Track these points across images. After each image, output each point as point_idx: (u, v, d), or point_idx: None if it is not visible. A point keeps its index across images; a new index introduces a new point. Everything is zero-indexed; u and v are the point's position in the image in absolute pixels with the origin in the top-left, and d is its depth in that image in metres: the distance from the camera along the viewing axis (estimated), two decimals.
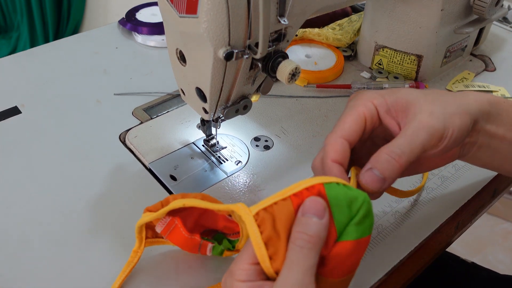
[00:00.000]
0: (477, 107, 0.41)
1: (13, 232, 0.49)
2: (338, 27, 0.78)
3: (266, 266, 0.32)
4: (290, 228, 0.33)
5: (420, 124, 0.38)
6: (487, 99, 0.43)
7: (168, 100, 0.67)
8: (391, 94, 0.41)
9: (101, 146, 0.59)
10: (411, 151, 0.37)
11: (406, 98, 0.40)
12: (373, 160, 0.38)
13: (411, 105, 0.40)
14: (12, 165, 0.56)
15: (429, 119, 0.38)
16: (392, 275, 0.47)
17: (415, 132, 0.38)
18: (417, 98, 0.40)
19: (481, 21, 0.69)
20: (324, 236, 0.33)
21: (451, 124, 0.39)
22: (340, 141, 0.39)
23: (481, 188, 0.56)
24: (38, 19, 1.95)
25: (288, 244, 0.32)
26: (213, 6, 0.40)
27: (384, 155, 0.37)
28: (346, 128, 0.39)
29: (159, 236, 0.45)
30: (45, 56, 0.75)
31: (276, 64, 0.47)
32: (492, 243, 1.55)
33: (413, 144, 0.37)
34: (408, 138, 0.38)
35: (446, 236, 0.52)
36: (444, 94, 0.42)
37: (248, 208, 0.33)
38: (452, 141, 0.39)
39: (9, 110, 0.64)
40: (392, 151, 0.37)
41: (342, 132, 0.39)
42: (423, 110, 0.39)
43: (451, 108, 0.40)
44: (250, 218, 0.33)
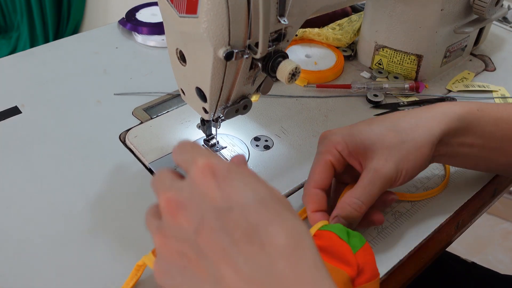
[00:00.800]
0: (441, 129, 0.47)
1: (13, 232, 0.49)
2: (338, 27, 0.78)
3: None
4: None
5: (375, 174, 0.45)
6: (458, 115, 0.47)
7: (168, 100, 0.67)
8: (352, 139, 0.47)
9: (101, 146, 0.59)
10: (370, 200, 0.45)
11: (364, 144, 0.46)
12: (339, 208, 0.45)
13: (369, 151, 0.46)
14: (12, 165, 0.56)
15: (383, 168, 0.45)
16: (392, 275, 0.47)
17: (371, 182, 0.45)
18: (374, 143, 0.46)
19: (481, 21, 0.69)
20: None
21: (404, 165, 0.45)
22: (314, 192, 0.47)
23: (481, 188, 0.56)
24: (38, 19, 1.95)
25: None
26: (213, 6, 0.40)
27: (347, 206, 0.45)
28: (317, 179, 0.47)
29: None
30: (45, 56, 0.75)
31: (276, 64, 0.47)
32: (492, 243, 1.55)
33: (371, 193, 0.45)
34: (366, 189, 0.45)
35: (446, 236, 0.52)
36: (406, 125, 0.47)
37: None
38: (407, 178, 0.46)
39: (9, 110, 0.64)
40: (354, 203, 0.44)
41: (314, 183, 0.47)
42: (379, 157, 0.45)
43: (407, 146, 0.46)
44: None
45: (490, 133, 0.49)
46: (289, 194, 0.54)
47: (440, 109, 0.48)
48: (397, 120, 0.48)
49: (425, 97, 0.69)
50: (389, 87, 0.69)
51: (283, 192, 0.54)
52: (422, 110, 0.49)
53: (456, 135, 0.48)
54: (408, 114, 0.49)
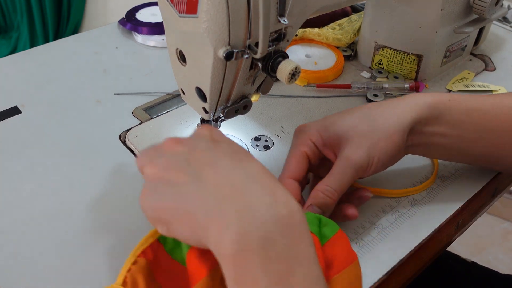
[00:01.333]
0: (412, 117, 0.47)
1: (13, 232, 0.49)
2: (338, 27, 0.78)
3: None
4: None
5: (346, 161, 0.46)
6: (428, 104, 0.48)
7: (168, 100, 0.67)
8: (326, 130, 0.48)
9: (101, 146, 0.59)
10: (342, 187, 0.46)
11: (337, 134, 0.47)
12: (312, 197, 0.46)
13: (342, 140, 0.47)
14: (12, 165, 0.56)
15: (354, 155, 0.46)
16: (392, 275, 0.47)
17: (343, 169, 0.46)
18: (347, 132, 0.47)
19: (481, 20, 0.69)
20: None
21: (375, 153, 0.46)
22: (289, 182, 0.48)
23: (481, 188, 0.56)
24: (38, 19, 1.95)
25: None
26: (213, 6, 0.40)
27: (320, 193, 0.45)
28: (292, 169, 0.48)
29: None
30: (45, 56, 0.75)
31: (276, 64, 0.47)
32: (492, 243, 1.55)
33: (343, 181, 0.46)
34: (338, 177, 0.46)
35: (446, 236, 0.52)
36: (378, 114, 0.48)
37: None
38: (379, 166, 0.47)
39: (9, 110, 0.64)
40: (326, 190, 0.45)
41: (289, 174, 0.48)
42: (350, 145, 0.46)
43: (378, 133, 0.47)
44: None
45: (462, 123, 0.49)
46: None
47: (412, 99, 0.49)
48: (369, 110, 0.49)
49: None
50: (389, 87, 0.69)
51: None
52: (395, 100, 0.50)
53: (428, 124, 0.49)
54: (381, 105, 0.50)
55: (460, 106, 0.49)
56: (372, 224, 0.51)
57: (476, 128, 0.50)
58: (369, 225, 0.51)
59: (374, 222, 0.51)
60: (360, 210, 0.52)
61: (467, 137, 0.50)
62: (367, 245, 0.49)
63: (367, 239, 0.49)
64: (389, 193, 0.54)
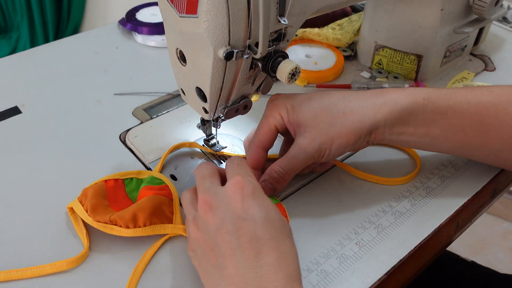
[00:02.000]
0: (375, 119, 0.49)
1: (13, 232, 0.49)
2: (338, 27, 0.78)
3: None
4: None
5: (299, 149, 0.49)
6: (400, 106, 0.49)
7: (168, 100, 0.67)
8: (292, 110, 0.50)
9: (101, 146, 0.59)
10: (294, 170, 0.49)
11: (299, 118, 0.49)
12: (267, 174, 0.50)
13: (301, 126, 0.49)
14: (12, 165, 0.56)
15: (307, 146, 0.48)
16: (392, 275, 0.47)
17: (295, 156, 0.49)
18: (307, 121, 0.49)
19: (481, 21, 0.69)
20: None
21: (328, 146, 0.48)
22: (256, 151, 0.51)
23: (481, 188, 0.56)
24: (38, 19, 1.95)
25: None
26: (213, 6, 0.40)
27: (274, 173, 0.49)
28: (261, 140, 0.51)
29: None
30: (45, 56, 0.75)
31: (276, 64, 0.47)
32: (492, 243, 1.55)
33: (294, 165, 0.49)
34: (290, 161, 0.49)
35: (446, 236, 0.52)
36: (343, 108, 0.49)
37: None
38: (332, 156, 0.49)
39: (9, 110, 0.64)
40: (279, 171, 0.49)
41: (258, 143, 0.51)
42: (306, 135, 0.49)
43: (336, 129, 0.48)
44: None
45: (433, 121, 0.50)
46: (289, 194, 0.54)
47: (383, 98, 0.49)
48: (337, 101, 0.50)
49: None
50: (389, 87, 0.69)
51: (284, 192, 0.54)
52: (367, 95, 0.50)
53: (396, 125, 0.49)
54: (350, 96, 0.50)
55: (434, 105, 0.49)
56: (372, 224, 0.51)
57: (448, 125, 0.50)
58: (369, 225, 0.51)
59: (374, 222, 0.51)
60: (360, 210, 0.52)
61: (436, 134, 0.51)
62: (367, 245, 0.49)
63: (367, 239, 0.49)
64: (376, 179, 0.55)
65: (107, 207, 0.49)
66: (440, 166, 0.58)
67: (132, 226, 0.46)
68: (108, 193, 0.50)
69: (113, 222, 0.46)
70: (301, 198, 0.54)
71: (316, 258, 0.47)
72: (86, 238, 0.47)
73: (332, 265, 0.47)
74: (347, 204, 0.53)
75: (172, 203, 0.50)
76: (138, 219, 0.47)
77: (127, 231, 0.46)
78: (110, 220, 0.46)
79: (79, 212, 0.48)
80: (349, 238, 0.49)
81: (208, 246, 0.40)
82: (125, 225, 0.46)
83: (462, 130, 0.50)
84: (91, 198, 0.48)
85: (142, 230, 0.47)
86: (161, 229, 0.48)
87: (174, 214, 0.49)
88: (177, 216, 0.49)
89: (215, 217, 0.40)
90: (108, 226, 0.46)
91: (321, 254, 0.48)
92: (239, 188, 0.40)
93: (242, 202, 0.40)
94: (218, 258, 0.39)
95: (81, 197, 0.49)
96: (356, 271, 0.47)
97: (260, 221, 0.39)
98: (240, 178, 0.41)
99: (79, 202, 0.49)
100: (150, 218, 0.47)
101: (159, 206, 0.48)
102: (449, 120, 0.50)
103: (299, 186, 0.55)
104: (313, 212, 0.52)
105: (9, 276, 0.44)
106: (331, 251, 0.48)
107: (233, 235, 0.38)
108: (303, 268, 0.46)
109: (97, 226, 0.47)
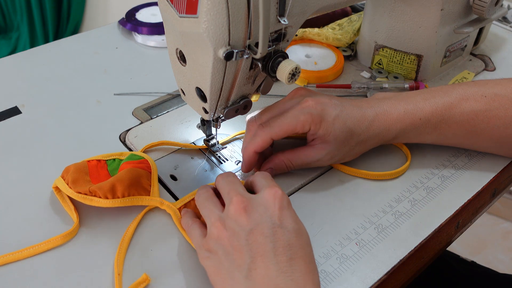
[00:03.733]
0: (378, 144, 0.55)
1: (13, 232, 0.49)
2: (338, 27, 0.78)
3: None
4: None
5: (317, 160, 0.54)
6: (398, 128, 0.53)
7: (168, 100, 0.67)
8: (326, 129, 0.51)
9: (101, 146, 0.59)
10: (298, 167, 0.55)
11: (329, 140, 0.52)
12: (276, 163, 0.54)
13: (326, 143, 0.53)
14: (12, 165, 0.56)
15: (325, 160, 0.54)
16: (392, 275, 0.47)
17: (309, 162, 0.54)
18: (333, 143, 0.52)
19: (481, 20, 0.69)
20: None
21: (337, 160, 0.55)
22: (271, 138, 0.52)
23: (481, 188, 0.56)
24: (38, 19, 1.95)
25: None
26: (213, 6, 0.40)
27: (284, 165, 0.54)
28: (281, 135, 0.52)
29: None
30: (45, 56, 0.75)
31: (276, 64, 0.47)
32: (492, 242, 1.55)
33: (302, 165, 0.54)
34: (302, 162, 0.54)
35: (446, 236, 0.52)
36: (364, 138, 0.54)
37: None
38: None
39: (9, 110, 0.64)
40: (289, 166, 0.54)
41: (277, 135, 0.52)
42: (328, 152, 0.53)
43: (351, 154, 0.55)
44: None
45: (427, 133, 0.55)
46: (290, 194, 0.54)
47: (387, 124, 0.53)
48: (362, 129, 0.53)
49: None
50: (389, 87, 0.69)
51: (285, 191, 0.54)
52: (380, 124, 0.53)
53: (390, 140, 0.55)
54: (372, 125, 0.53)
55: (428, 123, 0.54)
56: (372, 224, 0.51)
57: (436, 136, 0.55)
58: (369, 225, 0.51)
59: (374, 222, 0.51)
60: (360, 210, 0.52)
61: (427, 141, 0.56)
62: (367, 245, 0.49)
63: (367, 239, 0.49)
64: (365, 175, 0.56)
65: (89, 182, 0.50)
66: (440, 166, 0.58)
67: (111, 197, 0.48)
68: (90, 171, 0.52)
69: (92, 193, 0.48)
70: (301, 198, 0.54)
71: (316, 258, 0.47)
72: (75, 213, 0.49)
73: (332, 265, 0.47)
74: (347, 204, 0.53)
75: (150, 176, 0.52)
76: (117, 190, 0.48)
77: (106, 201, 0.48)
78: (90, 191, 0.48)
79: (61, 186, 0.50)
80: (349, 238, 0.49)
81: (235, 247, 0.41)
82: (104, 195, 0.48)
83: (454, 136, 0.55)
84: (73, 173, 0.50)
85: (120, 201, 0.48)
86: (139, 201, 0.50)
87: (152, 187, 0.51)
88: (154, 189, 0.51)
89: (250, 220, 0.41)
90: (88, 197, 0.48)
91: (321, 254, 0.48)
92: (278, 198, 0.43)
93: (280, 211, 0.42)
94: (246, 259, 0.40)
95: (63, 173, 0.51)
96: (356, 271, 0.47)
97: (293, 232, 0.41)
98: (278, 189, 0.43)
99: (61, 178, 0.51)
100: (129, 190, 0.49)
101: (137, 178, 0.50)
102: (442, 130, 0.54)
103: (299, 186, 0.55)
104: (313, 212, 0.52)
105: (6, 260, 0.46)
106: (331, 251, 0.48)
107: (268, 237, 0.40)
108: None
109: (77, 197, 0.48)
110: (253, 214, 0.41)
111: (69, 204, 0.50)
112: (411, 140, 0.56)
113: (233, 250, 0.41)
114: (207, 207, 0.45)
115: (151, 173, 0.52)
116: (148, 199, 0.50)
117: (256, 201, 0.43)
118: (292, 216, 0.42)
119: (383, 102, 0.54)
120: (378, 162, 0.58)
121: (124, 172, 0.50)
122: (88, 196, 0.48)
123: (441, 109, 0.53)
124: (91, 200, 0.48)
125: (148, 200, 0.50)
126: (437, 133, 0.55)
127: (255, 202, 0.43)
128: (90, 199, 0.48)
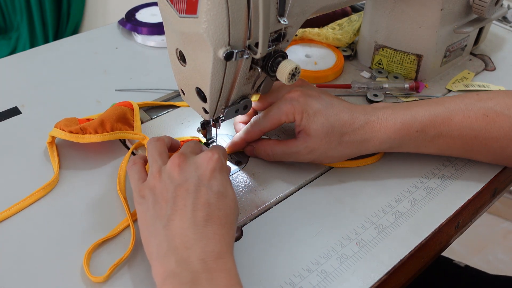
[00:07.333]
0: (369, 151, 0.55)
1: (13, 232, 0.49)
2: (338, 27, 0.78)
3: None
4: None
5: (296, 152, 0.54)
6: (393, 139, 0.53)
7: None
8: (309, 120, 0.52)
9: (101, 146, 0.59)
10: (280, 159, 0.55)
11: (311, 132, 0.52)
12: (260, 147, 0.56)
13: (309, 136, 0.53)
14: (12, 165, 0.56)
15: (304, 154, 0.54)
16: (392, 275, 0.47)
17: (288, 153, 0.54)
18: (315, 136, 0.52)
19: (481, 20, 0.69)
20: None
21: (319, 160, 0.55)
22: (258, 134, 0.55)
23: (481, 188, 0.56)
24: (38, 19, 1.95)
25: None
26: (213, 6, 0.40)
27: (269, 151, 0.55)
28: (267, 127, 0.54)
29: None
30: (45, 56, 0.75)
31: (276, 64, 0.47)
32: (492, 242, 1.55)
33: (283, 158, 0.55)
34: (286, 153, 0.55)
35: (446, 236, 0.52)
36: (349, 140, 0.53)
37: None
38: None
39: (9, 110, 0.64)
40: (272, 154, 0.55)
41: (264, 129, 0.55)
42: (308, 145, 0.53)
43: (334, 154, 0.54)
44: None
45: (424, 146, 0.55)
46: (290, 194, 0.54)
47: (380, 134, 0.53)
48: (347, 129, 0.52)
49: (425, 97, 0.69)
50: (389, 87, 0.69)
51: (283, 193, 0.54)
52: (368, 131, 0.53)
53: (385, 149, 0.55)
54: (362, 129, 0.53)
55: (425, 136, 0.53)
56: (372, 224, 0.51)
57: (432, 148, 0.55)
58: (369, 225, 0.51)
59: (374, 222, 0.51)
60: (360, 210, 0.52)
61: (422, 152, 0.56)
62: (367, 245, 0.49)
63: (367, 239, 0.49)
64: (341, 164, 0.57)
65: (78, 125, 0.57)
66: (440, 166, 0.58)
67: (100, 131, 0.55)
68: (80, 121, 0.58)
69: (83, 131, 0.55)
70: (301, 198, 0.54)
71: (316, 258, 0.47)
72: (57, 165, 0.55)
73: (333, 265, 0.47)
74: (347, 204, 0.53)
75: (133, 112, 0.60)
76: (106, 125, 0.56)
77: (96, 136, 0.55)
78: (81, 128, 0.55)
79: (54, 132, 0.56)
80: (349, 238, 0.50)
81: (163, 197, 0.44)
82: (94, 131, 0.55)
83: (448, 148, 0.55)
84: (65, 121, 0.57)
85: (109, 135, 0.55)
86: (124, 135, 0.57)
87: (135, 122, 0.59)
88: (137, 124, 0.59)
89: (181, 175, 0.44)
90: (79, 136, 0.55)
91: (321, 254, 0.48)
92: (212, 161, 0.45)
93: (211, 172, 0.44)
94: (168, 210, 0.42)
95: (57, 124, 0.57)
96: (356, 271, 0.47)
97: (217, 193, 0.43)
98: (216, 155, 0.46)
99: (55, 127, 0.57)
100: (116, 124, 0.56)
101: (123, 114, 0.58)
102: (438, 143, 0.54)
103: (299, 186, 0.55)
104: (313, 212, 0.52)
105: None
106: (332, 251, 0.48)
107: (191, 194, 0.43)
108: (304, 269, 0.47)
109: (70, 137, 0.55)
110: (185, 171, 0.44)
111: (55, 157, 0.56)
112: (408, 151, 0.55)
113: (161, 201, 0.44)
114: (153, 156, 0.48)
115: (133, 109, 0.60)
116: (133, 133, 0.57)
117: (192, 160, 0.46)
118: (222, 180, 0.45)
119: (380, 111, 0.54)
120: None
121: (111, 109, 0.58)
122: (80, 134, 0.54)
123: (442, 119, 0.53)
124: (83, 137, 0.54)
125: (133, 135, 0.57)
126: (433, 145, 0.54)
127: (191, 161, 0.45)
128: (82, 137, 0.54)
